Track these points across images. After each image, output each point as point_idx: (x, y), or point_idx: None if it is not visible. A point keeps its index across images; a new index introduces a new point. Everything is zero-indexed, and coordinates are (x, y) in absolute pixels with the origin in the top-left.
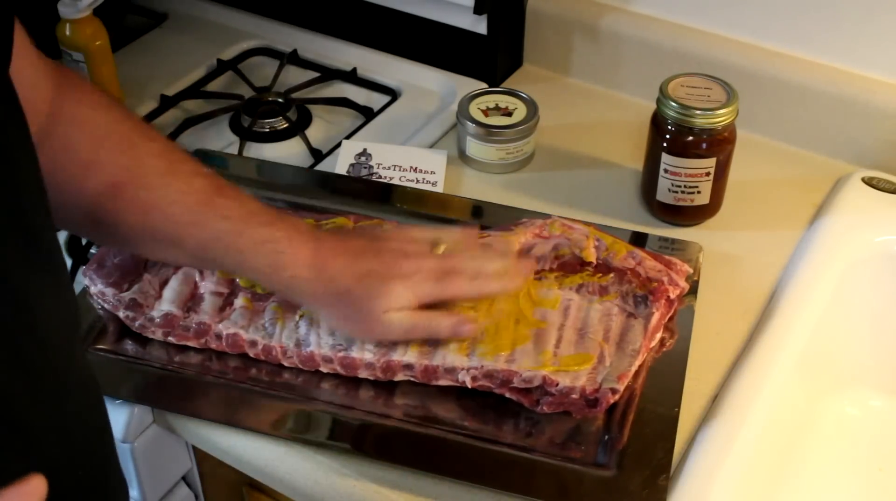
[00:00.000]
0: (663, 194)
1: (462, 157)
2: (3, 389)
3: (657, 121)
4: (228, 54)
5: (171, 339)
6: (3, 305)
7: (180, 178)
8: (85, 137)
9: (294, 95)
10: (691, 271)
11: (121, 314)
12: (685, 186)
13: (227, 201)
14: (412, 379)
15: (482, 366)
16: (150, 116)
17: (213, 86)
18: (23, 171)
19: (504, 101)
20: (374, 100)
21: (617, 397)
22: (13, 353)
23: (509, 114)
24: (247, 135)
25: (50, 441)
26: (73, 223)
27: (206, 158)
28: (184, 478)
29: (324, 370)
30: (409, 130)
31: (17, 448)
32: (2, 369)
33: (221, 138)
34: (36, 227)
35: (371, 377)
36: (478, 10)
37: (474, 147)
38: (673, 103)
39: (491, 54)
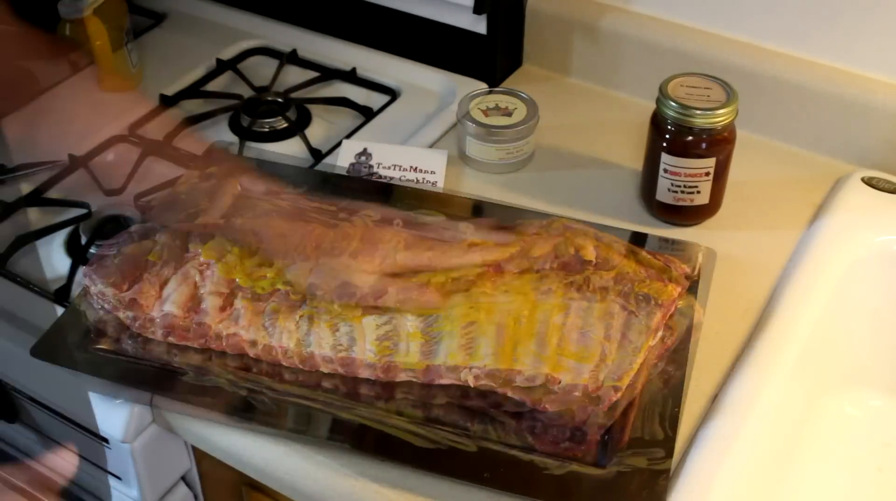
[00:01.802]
0: (663, 194)
1: (462, 157)
2: None
3: (657, 121)
4: (228, 54)
5: (171, 339)
6: None
7: None
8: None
9: (294, 95)
10: (690, 270)
11: (121, 314)
12: (685, 186)
13: None
14: (413, 379)
15: (485, 366)
16: (150, 116)
17: (212, 85)
18: None
19: (504, 101)
20: (374, 100)
21: (619, 394)
22: None
23: (509, 114)
24: (246, 135)
25: None
26: None
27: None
28: (183, 478)
29: (324, 370)
30: (409, 129)
31: None
32: None
33: (221, 138)
34: None
35: (372, 378)
36: (478, 10)
37: (474, 147)
38: (673, 103)
39: (491, 54)
